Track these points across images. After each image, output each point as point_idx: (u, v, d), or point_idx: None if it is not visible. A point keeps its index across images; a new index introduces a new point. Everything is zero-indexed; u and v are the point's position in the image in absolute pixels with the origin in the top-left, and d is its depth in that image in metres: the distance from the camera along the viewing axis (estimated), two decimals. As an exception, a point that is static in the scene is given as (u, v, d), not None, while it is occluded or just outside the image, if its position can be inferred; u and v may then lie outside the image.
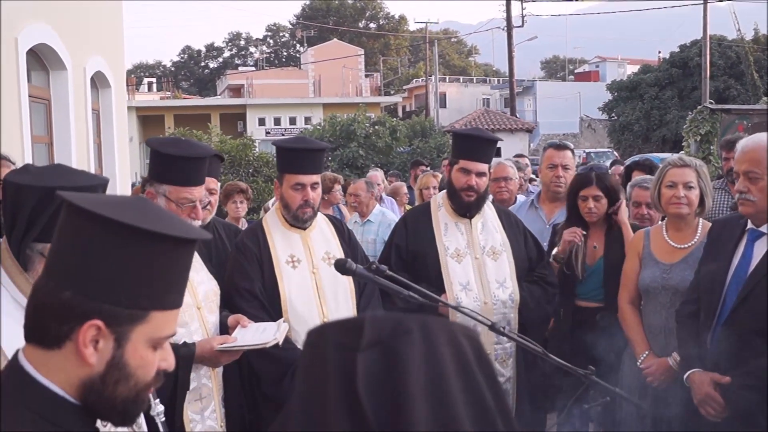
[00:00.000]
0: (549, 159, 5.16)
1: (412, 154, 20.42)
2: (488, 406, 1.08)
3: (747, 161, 3.11)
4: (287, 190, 3.61)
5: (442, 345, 1.08)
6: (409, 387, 1.02)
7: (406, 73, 64.38)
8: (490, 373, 1.13)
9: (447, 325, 1.14)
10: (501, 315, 3.90)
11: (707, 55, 28.20)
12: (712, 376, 3.21)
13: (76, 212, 1.31)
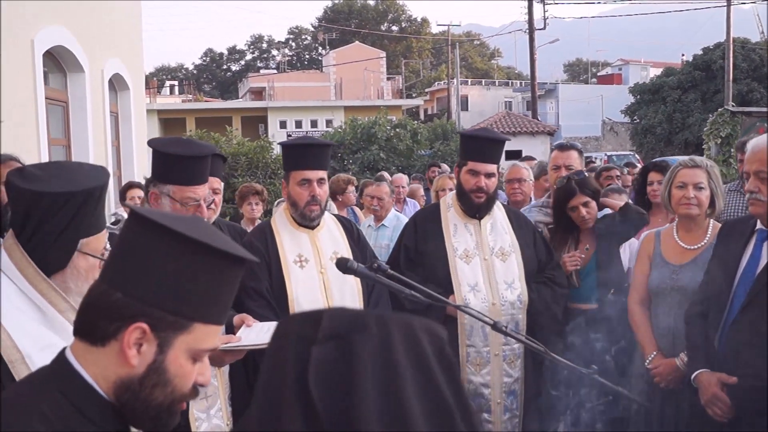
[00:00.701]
0: (554, 160, 5.15)
1: (433, 157, 20.39)
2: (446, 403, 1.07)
3: (757, 161, 3.10)
4: (294, 187, 3.62)
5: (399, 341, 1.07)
6: (360, 382, 1.02)
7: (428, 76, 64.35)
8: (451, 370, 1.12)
9: (408, 322, 1.12)
10: (509, 316, 3.92)
11: (730, 58, 27.95)
12: (720, 377, 3.20)
13: (140, 221, 1.39)
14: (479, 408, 3.88)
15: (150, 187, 3.16)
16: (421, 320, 1.15)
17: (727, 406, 3.16)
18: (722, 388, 3.18)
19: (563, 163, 5.05)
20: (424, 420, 1.04)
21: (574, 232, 4.42)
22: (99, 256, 2.04)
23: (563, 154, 5.11)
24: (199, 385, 1.47)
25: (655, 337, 3.89)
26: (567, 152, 5.12)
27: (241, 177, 11.39)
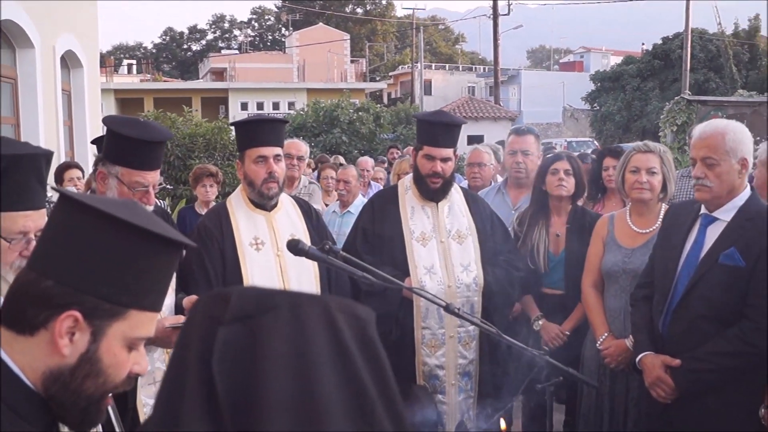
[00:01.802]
0: (510, 145, 5.19)
1: (395, 141, 20.38)
2: (366, 390, 1.00)
3: (705, 147, 3.15)
4: (250, 165, 3.55)
5: (313, 324, 1.00)
6: (267, 366, 0.96)
7: (392, 60, 64.13)
8: (374, 354, 1.04)
9: (324, 302, 1.05)
10: (465, 298, 3.94)
11: (688, 48, 28.30)
12: (663, 359, 3.26)
13: (70, 204, 1.33)
14: (434, 389, 3.91)
15: (99, 166, 3.08)
16: (341, 301, 1.07)
17: (671, 388, 3.22)
18: (666, 371, 3.24)
19: (519, 147, 5.08)
20: (339, 408, 0.97)
21: (546, 213, 4.46)
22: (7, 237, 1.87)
23: (520, 139, 5.14)
24: (134, 374, 1.42)
25: (606, 318, 3.96)
26: (524, 137, 5.15)
27: (198, 159, 11.25)
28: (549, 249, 4.41)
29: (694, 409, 3.19)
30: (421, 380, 3.95)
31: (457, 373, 3.97)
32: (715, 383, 3.12)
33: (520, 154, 5.06)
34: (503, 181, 5.37)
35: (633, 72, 39.82)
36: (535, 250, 4.38)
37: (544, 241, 4.39)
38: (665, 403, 3.28)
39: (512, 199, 5.12)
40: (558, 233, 4.42)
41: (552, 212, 4.45)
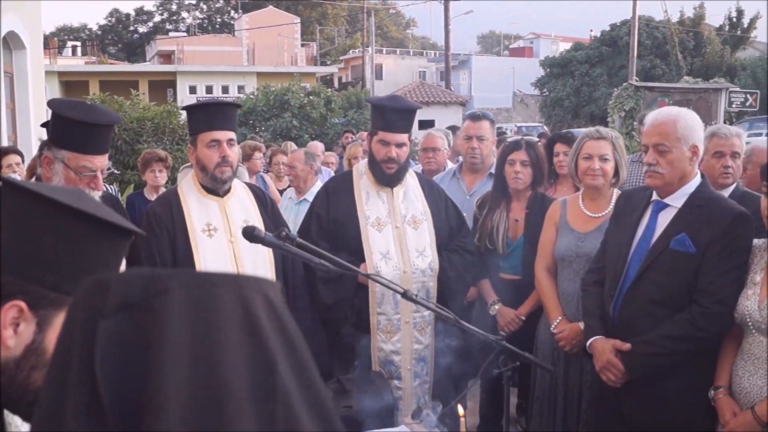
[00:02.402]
0: (465, 130, 5.21)
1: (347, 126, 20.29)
2: (279, 378, 0.88)
3: (657, 134, 3.18)
4: (202, 150, 3.49)
5: (217, 306, 0.87)
6: (161, 359, 0.83)
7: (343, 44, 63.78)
8: (289, 338, 0.92)
9: (229, 281, 0.91)
10: (420, 283, 3.94)
11: (635, 35, 28.71)
12: (614, 343, 3.29)
13: (14, 191, 1.27)
14: (390, 375, 3.91)
15: (44, 151, 2.98)
16: (248, 278, 0.93)
17: (621, 372, 3.25)
18: (616, 355, 3.27)
19: (475, 133, 5.09)
20: (248, 402, 0.85)
21: (507, 198, 4.47)
22: None
23: (475, 124, 5.15)
24: None
25: (560, 302, 4.00)
26: (479, 122, 5.17)
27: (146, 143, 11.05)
28: (508, 234, 4.44)
29: (644, 393, 3.24)
30: (376, 366, 3.95)
31: (413, 359, 3.98)
32: (665, 367, 3.17)
33: (475, 139, 5.07)
34: (458, 166, 5.38)
35: (581, 58, 40.28)
36: (494, 231, 4.41)
37: (504, 223, 4.42)
38: (615, 387, 3.31)
39: (467, 184, 5.14)
40: (517, 218, 4.45)
41: (512, 197, 4.47)
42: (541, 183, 4.62)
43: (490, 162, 5.15)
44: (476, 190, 5.02)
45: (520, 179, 4.38)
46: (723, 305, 3.01)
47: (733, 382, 3.02)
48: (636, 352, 3.21)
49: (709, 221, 3.09)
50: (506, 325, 4.34)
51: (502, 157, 4.51)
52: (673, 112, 3.24)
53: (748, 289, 2.98)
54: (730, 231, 3.05)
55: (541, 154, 4.54)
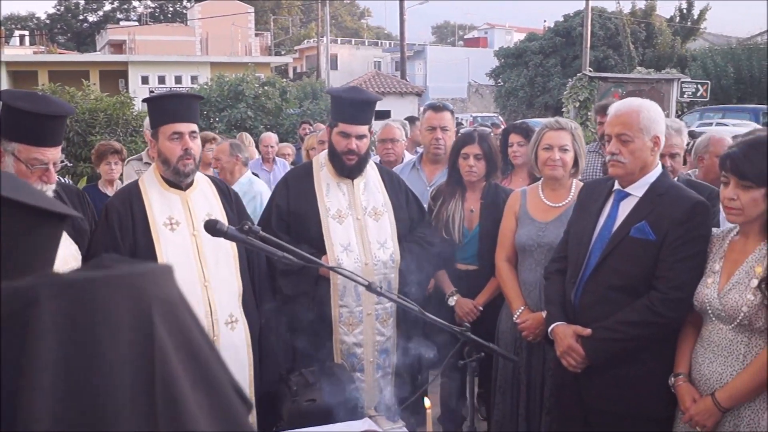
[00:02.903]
0: (428, 121, 5.19)
1: (302, 116, 20.14)
2: (168, 380, 0.80)
3: (620, 124, 3.21)
4: (164, 143, 3.42)
5: (94, 312, 0.78)
6: (33, 375, 0.75)
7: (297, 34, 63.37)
8: (187, 339, 0.85)
9: (111, 282, 0.81)
10: (382, 275, 3.93)
11: (588, 26, 29.04)
12: (575, 329, 3.32)
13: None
14: (352, 367, 3.89)
15: None
16: (132, 278, 0.84)
17: (582, 357, 3.29)
18: (577, 340, 3.31)
19: (439, 124, 5.10)
20: (132, 407, 0.77)
21: (462, 188, 4.48)
22: None
23: (438, 115, 5.16)
24: None
25: (522, 292, 4.02)
26: (441, 113, 5.18)
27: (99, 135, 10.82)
28: (464, 224, 4.45)
29: (604, 378, 3.28)
30: (338, 359, 3.93)
31: (375, 351, 3.97)
32: (625, 352, 3.21)
33: (439, 130, 5.08)
34: (418, 157, 5.38)
35: (535, 49, 40.65)
36: (450, 221, 4.41)
37: (459, 213, 4.42)
38: (576, 372, 3.35)
39: (427, 175, 5.13)
40: (472, 209, 4.46)
41: (467, 188, 4.48)
42: (495, 174, 4.63)
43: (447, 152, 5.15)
44: (436, 181, 5.01)
45: (474, 172, 4.39)
46: (681, 291, 3.06)
47: (693, 368, 3.06)
48: (596, 337, 3.25)
49: (669, 209, 3.14)
50: (465, 315, 4.35)
51: (455, 150, 4.51)
52: (636, 103, 3.27)
53: (708, 277, 3.02)
54: (689, 219, 3.10)
55: (494, 145, 4.55)
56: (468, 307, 4.37)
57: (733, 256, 2.98)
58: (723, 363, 2.92)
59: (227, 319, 3.48)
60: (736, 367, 2.88)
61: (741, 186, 2.82)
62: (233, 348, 3.48)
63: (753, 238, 2.92)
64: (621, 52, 38.04)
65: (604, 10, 40.15)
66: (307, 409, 3.42)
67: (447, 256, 4.40)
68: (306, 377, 3.58)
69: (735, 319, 2.87)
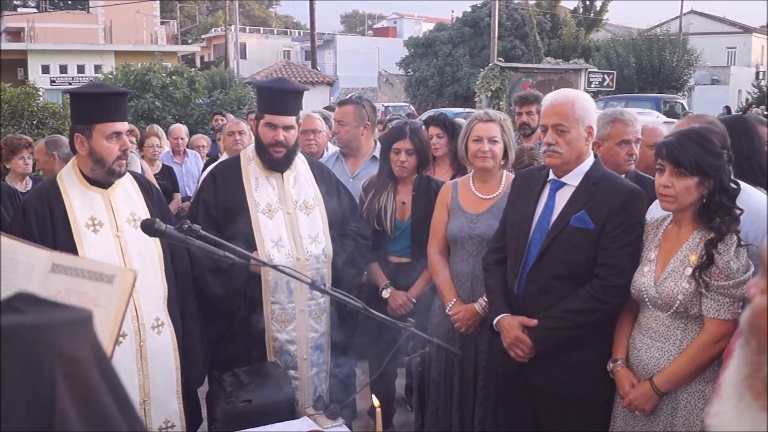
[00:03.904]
0: (334, 115, 5.28)
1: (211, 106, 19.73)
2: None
3: (556, 115, 3.25)
4: (100, 141, 3.23)
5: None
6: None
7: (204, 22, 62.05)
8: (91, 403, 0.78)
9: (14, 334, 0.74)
10: (314, 270, 3.85)
11: (496, 16, 29.49)
12: (520, 320, 3.35)
13: None
14: (285, 365, 3.80)
15: None
16: (28, 330, 0.75)
17: (529, 347, 3.32)
18: (523, 331, 3.33)
19: (339, 118, 5.15)
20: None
21: (393, 181, 4.45)
22: None
23: (339, 109, 5.29)
24: None
25: (454, 283, 4.02)
26: (341, 107, 5.27)
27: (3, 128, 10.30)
28: (395, 216, 4.43)
29: (550, 366, 3.32)
30: (271, 356, 3.83)
31: (309, 348, 3.89)
32: (571, 340, 3.26)
33: (337, 124, 5.18)
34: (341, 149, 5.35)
35: (444, 39, 41.11)
36: (382, 213, 4.38)
37: (391, 205, 4.40)
38: (521, 362, 3.38)
39: (350, 166, 5.10)
40: (404, 201, 4.44)
41: (399, 180, 4.46)
42: (427, 167, 4.64)
43: (362, 145, 5.14)
44: (359, 173, 5.00)
45: (405, 167, 4.39)
46: (623, 277, 3.12)
47: (631, 354, 3.13)
48: (542, 327, 3.29)
49: (606, 198, 3.20)
50: (398, 308, 4.33)
51: (386, 144, 4.49)
52: (570, 94, 3.32)
53: (644, 266, 3.09)
54: (626, 207, 3.17)
55: (425, 139, 4.55)
56: (401, 300, 4.35)
57: (667, 245, 3.05)
58: (660, 348, 3.00)
59: (153, 323, 3.34)
60: (673, 352, 2.96)
61: (675, 174, 2.89)
62: (160, 352, 3.35)
63: (686, 227, 3.00)
64: (528, 43, 38.85)
65: (511, 1, 40.90)
66: (242, 410, 3.33)
67: (379, 248, 4.37)
68: (240, 377, 3.48)
69: (671, 306, 2.94)
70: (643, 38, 36.66)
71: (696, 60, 36.73)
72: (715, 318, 2.85)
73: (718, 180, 2.87)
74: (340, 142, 5.19)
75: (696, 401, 2.93)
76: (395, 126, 4.72)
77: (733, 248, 2.83)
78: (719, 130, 3.10)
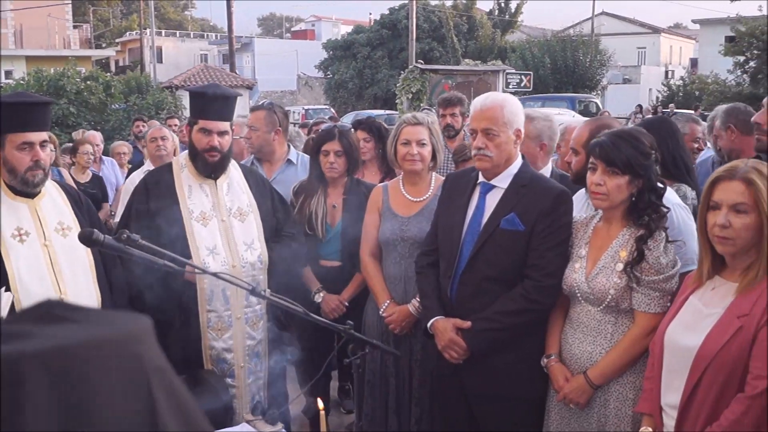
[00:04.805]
0: (247, 121, 5.37)
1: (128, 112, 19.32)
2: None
3: (485, 119, 3.31)
4: (11, 152, 3.15)
5: (86, 383, 0.70)
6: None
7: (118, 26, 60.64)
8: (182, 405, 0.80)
9: (97, 346, 0.73)
10: (251, 277, 3.83)
11: (413, 18, 29.75)
12: (454, 322, 3.40)
13: None
14: (222, 373, 3.79)
15: None
16: (110, 342, 0.75)
17: (463, 349, 3.37)
18: (457, 333, 3.39)
19: (250, 123, 5.19)
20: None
21: (324, 184, 4.49)
22: None
23: (251, 115, 5.31)
24: None
25: (387, 285, 4.08)
26: (253, 113, 5.29)
27: None
28: (326, 220, 4.46)
29: (483, 365, 3.38)
30: (208, 365, 3.81)
31: (246, 355, 3.88)
32: (505, 340, 3.32)
33: (249, 129, 5.21)
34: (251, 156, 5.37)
35: (363, 41, 41.27)
36: (313, 217, 4.41)
37: (322, 209, 4.43)
38: (456, 363, 3.43)
39: (266, 171, 5.09)
40: (335, 204, 4.48)
41: (329, 183, 4.49)
42: (356, 170, 4.69)
43: (276, 149, 5.15)
44: (275, 177, 5.00)
45: (335, 168, 4.42)
46: (553, 278, 3.22)
47: (564, 349, 3.22)
48: (476, 328, 3.34)
49: (535, 200, 3.29)
50: (331, 312, 4.36)
51: (315, 147, 4.53)
52: (499, 98, 3.40)
53: (575, 262, 3.19)
54: (554, 209, 3.27)
55: (353, 141, 4.60)
56: (334, 303, 4.38)
57: (597, 242, 3.16)
58: (593, 342, 3.10)
59: (88, 332, 3.28)
60: (605, 346, 3.07)
61: (608, 172, 3.00)
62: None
63: (615, 224, 3.12)
64: (445, 45, 39.35)
65: (427, 3, 41.35)
66: (181, 420, 3.31)
67: (311, 252, 4.40)
68: (177, 387, 3.45)
69: (603, 301, 3.05)
70: (557, 39, 37.66)
71: (608, 60, 37.99)
72: (646, 312, 2.98)
73: (647, 179, 2.99)
74: (252, 147, 5.21)
75: (627, 392, 3.04)
76: (324, 128, 4.77)
77: (662, 244, 2.96)
78: (650, 131, 3.24)
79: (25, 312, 0.77)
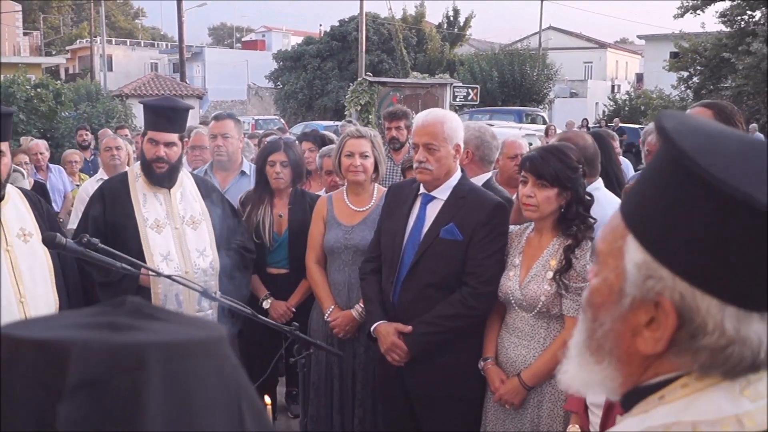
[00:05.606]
0: (211, 129, 5.44)
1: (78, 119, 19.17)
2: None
3: (426, 134, 3.51)
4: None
5: (203, 381, 0.76)
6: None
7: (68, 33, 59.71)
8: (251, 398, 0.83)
9: (200, 347, 0.78)
10: (203, 282, 3.94)
11: (363, 31, 29.90)
12: (396, 326, 3.57)
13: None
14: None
15: None
16: (207, 343, 0.80)
17: (405, 352, 3.55)
18: (399, 336, 3.57)
19: (219, 131, 5.29)
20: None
21: (270, 194, 4.67)
22: None
23: (219, 123, 5.36)
24: None
25: (332, 291, 4.26)
26: (223, 122, 5.37)
27: None
28: (273, 229, 4.64)
29: (424, 367, 3.56)
30: (161, 367, 3.95)
31: (197, 357, 4.03)
32: (444, 343, 3.51)
33: (220, 137, 5.27)
34: (209, 165, 5.48)
35: (313, 52, 41.33)
36: (260, 226, 4.59)
37: (269, 218, 4.61)
38: (398, 366, 3.61)
39: (220, 181, 5.24)
40: (281, 214, 4.67)
41: (275, 194, 4.69)
42: (301, 180, 4.89)
43: (238, 159, 5.36)
44: (229, 188, 5.16)
45: (281, 179, 4.61)
46: (489, 285, 3.41)
47: (500, 353, 3.42)
48: (416, 332, 3.52)
49: (473, 211, 3.48)
50: (279, 317, 4.53)
51: (262, 157, 4.71)
52: (440, 114, 3.61)
53: (509, 270, 3.39)
54: (491, 219, 3.47)
55: (299, 153, 4.81)
56: (282, 309, 4.57)
57: (530, 251, 3.37)
58: (526, 346, 3.31)
59: (45, 336, 3.42)
60: (538, 349, 3.28)
61: (538, 185, 3.21)
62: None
63: (546, 234, 3.33)
64: (394, 57, 39.63)
65: (377, 15, 41.60)
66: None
67: (259, 260, 4.58)
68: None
69: (535, 307, 3.26)
70: (505, 53, 38.24)
71: (555, 74, 38.70)
72: (574, 316, 3.11)
73: (574, 191, 3.22)
74: (222, 155, 5.27)
75: (559, 393, 3.23)
76: (270, 140, 4.95)
77: (589, 253, 3.17)
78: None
79: (113, 307, 0.83)
